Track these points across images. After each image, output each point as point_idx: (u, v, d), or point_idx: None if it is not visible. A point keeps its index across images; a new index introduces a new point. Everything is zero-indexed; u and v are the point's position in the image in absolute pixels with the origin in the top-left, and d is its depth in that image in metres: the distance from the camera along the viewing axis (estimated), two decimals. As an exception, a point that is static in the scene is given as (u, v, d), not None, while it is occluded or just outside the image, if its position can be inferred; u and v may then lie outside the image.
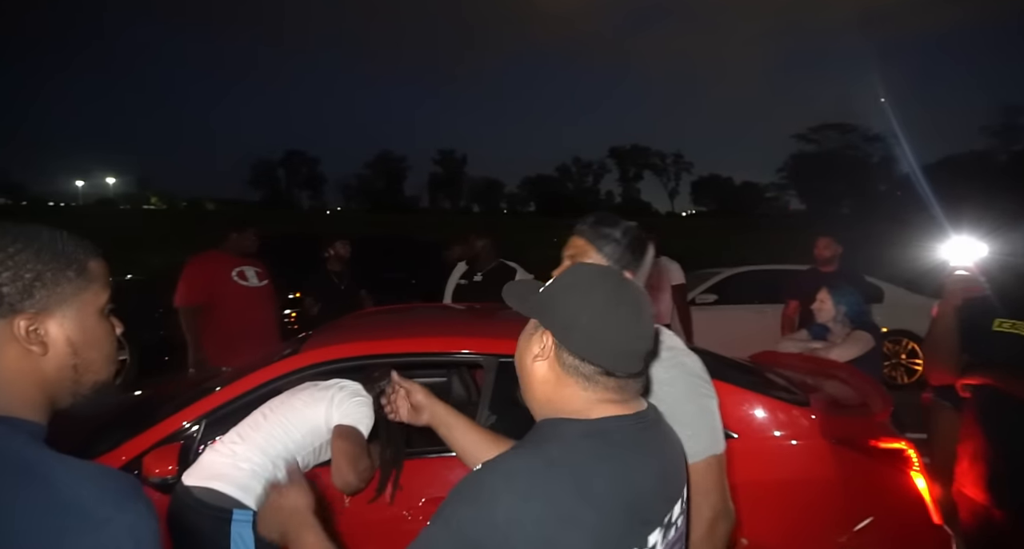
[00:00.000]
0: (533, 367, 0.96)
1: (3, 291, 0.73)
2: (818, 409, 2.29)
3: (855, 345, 2.98)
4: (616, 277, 0.97)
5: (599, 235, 1.45)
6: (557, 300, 0.94)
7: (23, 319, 0.75)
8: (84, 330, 0.80)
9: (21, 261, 0.74)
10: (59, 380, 0.78)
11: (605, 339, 0.90)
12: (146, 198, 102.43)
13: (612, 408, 0.92)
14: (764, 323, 6.39)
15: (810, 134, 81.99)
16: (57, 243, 0.78)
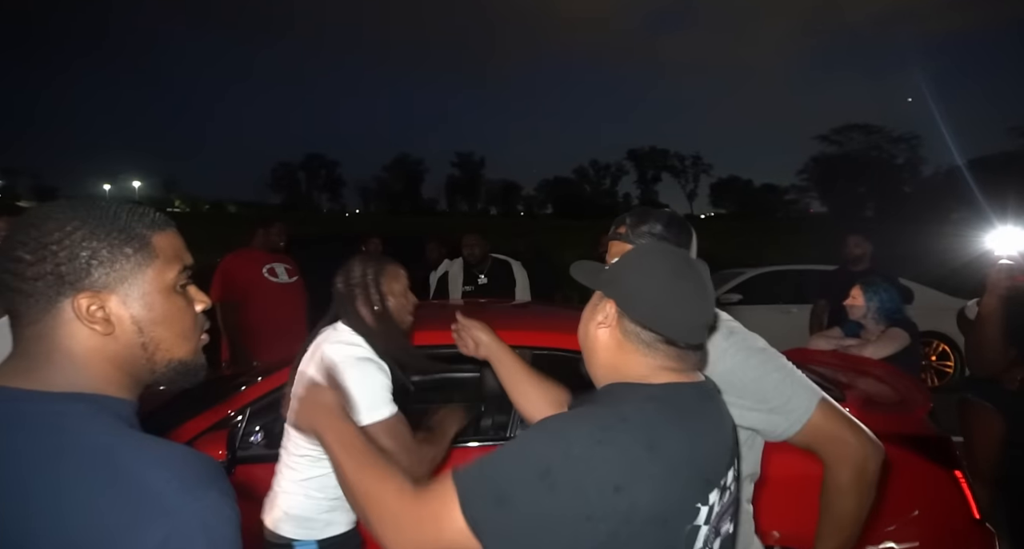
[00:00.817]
0: (597, 333, 1.01)
1: (61, 270, 0.72)
2: (854, 404, 2.27)
3: (890, 342, 2.91)
4: (681, 255, 1.01)
5: (639, 236, 1.39)
6: (623, 273, 1.00)
7: (83, 298, 0.73)
8: (150, 307, 0.77)
9: (77, 239, 0.72)
10: (131, 358, 0.76)
11: (666, 308, 0.94)
12: (170, 201, 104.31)
13: (673, 376, 0.97)
14: (790, 323, 6.33)
15: (833, 135, 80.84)
16: (117, 218, 0.76)
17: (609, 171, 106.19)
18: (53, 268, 0.71)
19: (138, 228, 0.77)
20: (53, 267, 0.71)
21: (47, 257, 0.71)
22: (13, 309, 0.74)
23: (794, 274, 7.03)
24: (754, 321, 5.78)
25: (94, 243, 0.73)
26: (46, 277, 0.72)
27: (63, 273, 0.72)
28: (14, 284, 0.72)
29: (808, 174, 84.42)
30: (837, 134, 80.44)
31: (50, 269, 0.71)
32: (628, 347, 0.98)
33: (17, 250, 0.72)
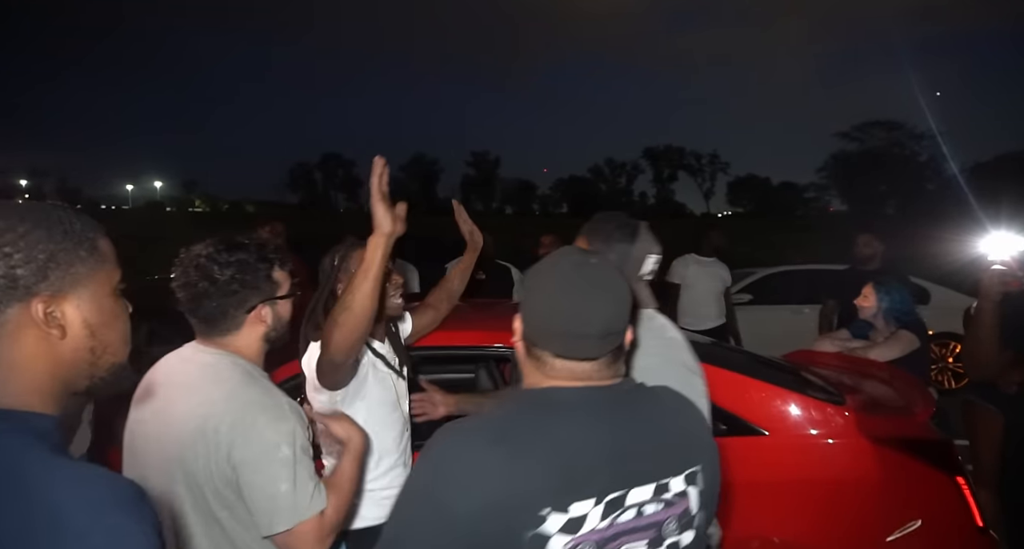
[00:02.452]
0: (516, 346, 1.01)
1: (17, 273, 0.69)
2: (853, 407, 2.22)
3: (896, 345, 2.84)
4: (577, 262, 0.95)
5: (593, 232, 1.57)
6: (525, 284, 1.00)
7: (40, 302, 0.70)
8: (100, 311, 0.76)
9: (33, 241, 0.70)
10: (76, 363, 0.75)
11: (552, 323, 0.91)
12: (191, 201, 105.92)
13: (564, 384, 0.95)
14: (801, 323, 6.24)
15: (853, 132, 79.52)
16: (67, 221, 0.74)
17: (625, 170, 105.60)
18: (6, 271, 0.69)
19: (87, 231, 0.76)
20: (6, 270, 0.69)
21: (0, 259, 0.68)
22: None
23: (806, 274, 6.94)
24: (765, 322, 5.75)
25: (51, 245, 0.71)
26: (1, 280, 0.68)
27: (18, 276, 0.69)
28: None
29: (828, 172, 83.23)
30: (858, 131, 79.16)
31: (3, 273, 0.69)
32: (529, 363, 0.97)
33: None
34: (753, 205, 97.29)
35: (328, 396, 1.65)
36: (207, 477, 1.20)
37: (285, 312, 1.39)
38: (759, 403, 2.19)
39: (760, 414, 2.16)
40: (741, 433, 2.14)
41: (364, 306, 1.39)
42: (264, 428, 1.20)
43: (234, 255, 1.30)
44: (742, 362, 2.57)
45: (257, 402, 1.24)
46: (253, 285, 1.31)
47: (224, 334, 1.32)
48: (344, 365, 1.55)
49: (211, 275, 1.28)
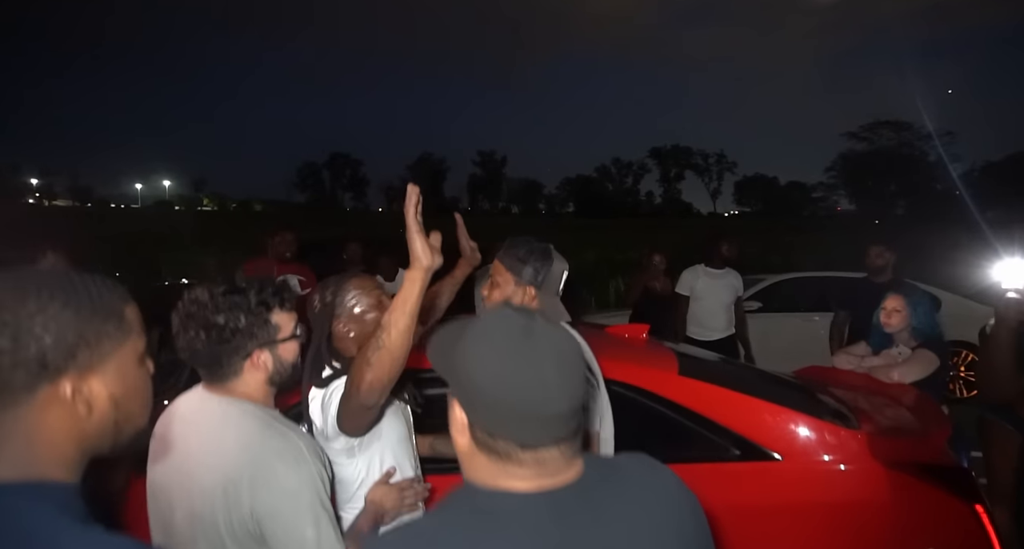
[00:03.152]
0: (456, 442, 0.85)
1: (48, 356, 0.68)
2: (868, 431, 2.19)
3: (919, 365, 2.75)
4: (523, 325, 0.80)
5: (506, 255, 1.68)
6: (457, 362, 0.80)
7: (68, 381, 0.70)
8: (126, 383, 0.76)
9: (63, 322, 0.69)
10: (99, 435, 0.75)
11: (506, 405, 0.76)
12: (199, 200, 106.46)
13: (520, 484, 0.80)
14: (811, 331, 6.18)
15: (862, 132, 79.01)
16: (95, 294, 0.73)
17: (631, 169, 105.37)
18: (37, 354, 0.68)
19: (115, 302, 0.75)
20: (37, 353, 0.68)
21: (30, 343, 0.67)
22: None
23: (816, 281, 6.86)
24: (775, 330, 5.68)
25: (80, 324, 0.70)
26: (28, 364, 0.68)
27: (48, 360, 0.68)
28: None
29: (836, 171, 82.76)
30: (867, 131, 78.67)
31: (33, 355, 0.68)
32: (478, 455, 0.81)
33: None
34: (760, 204, 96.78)
35: (344, 442, 1.57)
36: (229, 531, 1.19)
37: (288, 355, 1.33)
38: (772, 427, 2.16)
39: (773, 439, 2.14)
40: (754, 458, 2.11)
41: (401, 345, 1.29)
42: (284, 476, 1.18)
43: (229, 300, 1.25)
44: (755, 383, 2.55)
45: (273, 450, 1.20)
46: (248, 331, 1.26)
47: (225, 380, 1.28)
48: (375, 408, 1.46)
49: (205, 322, 1.24)
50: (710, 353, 3.13)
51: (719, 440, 2.15)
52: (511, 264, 1.69)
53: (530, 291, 1.68)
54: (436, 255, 1.32)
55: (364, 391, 1.34)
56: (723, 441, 2.15)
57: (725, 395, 2.24)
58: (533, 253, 1.70)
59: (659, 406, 2.18)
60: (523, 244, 1.73)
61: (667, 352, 2.51)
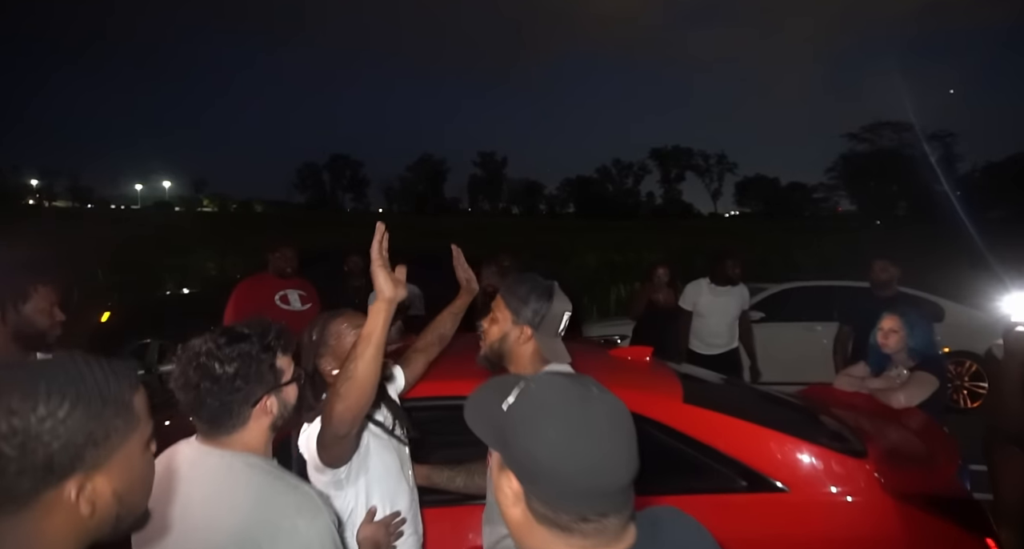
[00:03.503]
0: (509, 513, 0.83)
1: (55, 461, 0.67)
2: (876, 460, 2.16)
3: (921, 388, 2.73)
4: (577, 398, 0.80)
5: (507, 292, 1.68)
6: (516, 432, 0.80)
7: (73, 484, 0.69)
8: (131, 476, 0.74)
9: (72, 425, 0.67)
10: (99, 529, 0.73)
11: (572, 481, 0.77)
12: (199, 201, 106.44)
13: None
14: (814, 341, 6.16)
15: (863, 133, 79.05)
16: (104, 387, 0.71)
17: (632, 170, 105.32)
18: (44, 460, 0.66)
19: (124, 392, 0.73)
20: (44, 459, 0.66)
21: (38, 449, 0.65)
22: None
23: (818, 290, 6.83)
24: (777, 339, 5.66)
25: (90, 424, 0.68)
26: (34, 470, 0.66)
27: (54, 464, 0.66)
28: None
29: (837, 172, 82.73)
30: (868, 132, 78.70)
31: (40, 462, 0.66)
32: (538, 529, 0.80)
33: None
34: (761, 205, 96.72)
35: (332, 475, 1.59)
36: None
37: (291, 397, 1.34)
38: (779, 457, 2.13)
39: (781, 469, 2.10)
40: (761, 489, 2.08)
41: (367, 374, 1.34)
42: (305, 530, 1.18)
43: (235, 349, 1.24)
44: (761, 410, 2.52)
45: (290, 504, 1.20)
46: (257, 378, 1.25)
47: (230, 432, 1.26)
48: (348, 437, 1.49)
49: (212, 373, 1.22)
50: (715, 375, 3.09)
51: (725, 471, 2.12)
52: (511, 302, 1.66)
53: (526, 331, 1.65)
54: (400, 287, 1.39)
55: (335, 421, 1.40)
56: (729, 472, 2.12)
57: (731, 424, 2.21)
58: (534, 292, 1.66)
59: (664, 435, 2.14)
60: (527, 281, 1.70)
61: (671, 378, 2.48)
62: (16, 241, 10.09)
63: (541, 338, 1.65)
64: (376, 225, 1.39)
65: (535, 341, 1.66)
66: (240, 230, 28.16)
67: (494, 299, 2.01)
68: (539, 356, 1.67)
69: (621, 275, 12.68)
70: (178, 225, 34.07)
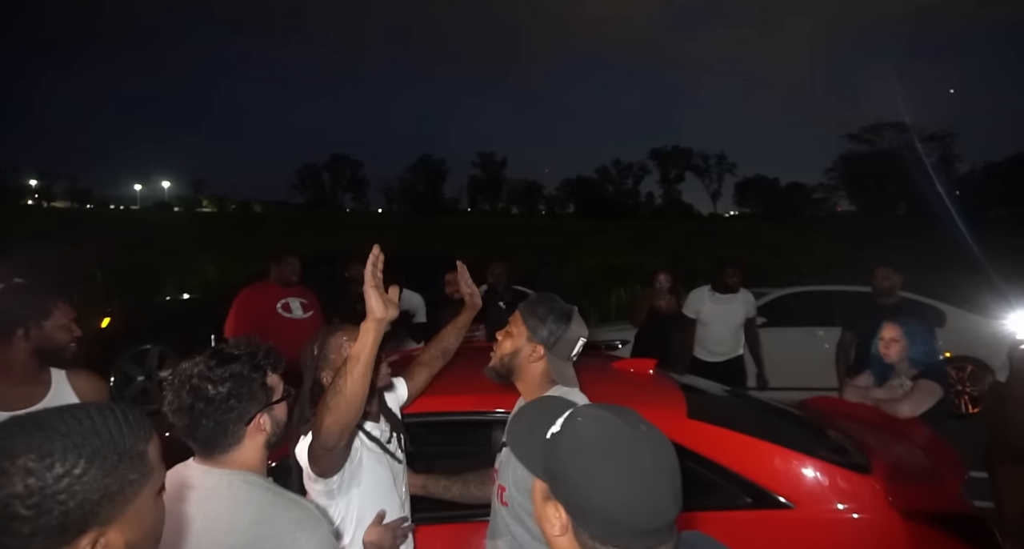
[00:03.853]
0: (554, 541, 0.87)
1: (70, 518, 0.66)
2: (881, 476, 2.15)
3: (924, 397, 2.74)
4: (628, 435, 0.83)
5: (527, 309, 1.70)
6: (566, 469, 0.83)
7: (87, 541, 0.68)
8: (143, 526, 0.74)
9: (88, 483, 0.67)
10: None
11: (625, 521, 0.79)
12: (199, 201, 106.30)
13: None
14: (816, 346, 6.15)
15: (863, 134, 79.09)
16: (119, 440, 0.71)
17: (631, 171, 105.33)
18: (59, 520, 0.65)
19: (138, 444, 0.73)
20: (61, 518, 0.65)
21: (53, 509, 0.65)
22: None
23: (820, 295, 6.83)
24: (779, 344, 5.64)
25: (105, 481, 0.68)
26: (48, 530, 0.65)
27: (69, 523, 0.66)
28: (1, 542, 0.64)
29: (837, 173, 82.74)
30: (868, 132, 78.72)
31: (57, 521, 0.65)
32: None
33: (12, 506, 0.63)
34: (761, 206, 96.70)
35: (324, 484, 1.62)
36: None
37: (282, 415, 1.37)
38: (785, 473, 2.12)
39: (786, 485, 2.10)
40: (766, 506, 2.07)
41: (355, 390, 1.38)
42: (306, 543, 1.21)
43: (227, 369, 1.27)
44: (766, 425, 2.51)
45: (291, 519, 1.23)
46: (249, 396, 1.28)
47: (226, 451, 1.28)
48: (336, 449, 1.53)
49: (205, 395, 1.24)
50: (719, 387, 3.08)
51: (730, 487, 2.11)
52: (529, 320, 1.68)
53: (539, 350, 1.66)
54: (391, 308, 1.42)
55: (324, 433, 1.45)
56: (734, 488, 2.11)
57: (736, 439, 2.20)
58: (553, 313, 1.67)
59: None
60: (548, 301, 1.71)
61: (675, 392, 2.47)
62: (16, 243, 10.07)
63: (552, 360, 1.66)
64: (373, 248, 1.43)
65: (546, 362, 1.66)
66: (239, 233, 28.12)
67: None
68: (547, 377, 1.68)
69: (621, 278, 12.66)
70: (178, 226, 34.02)
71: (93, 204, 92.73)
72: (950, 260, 12.75)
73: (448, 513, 2.14)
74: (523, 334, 1.68)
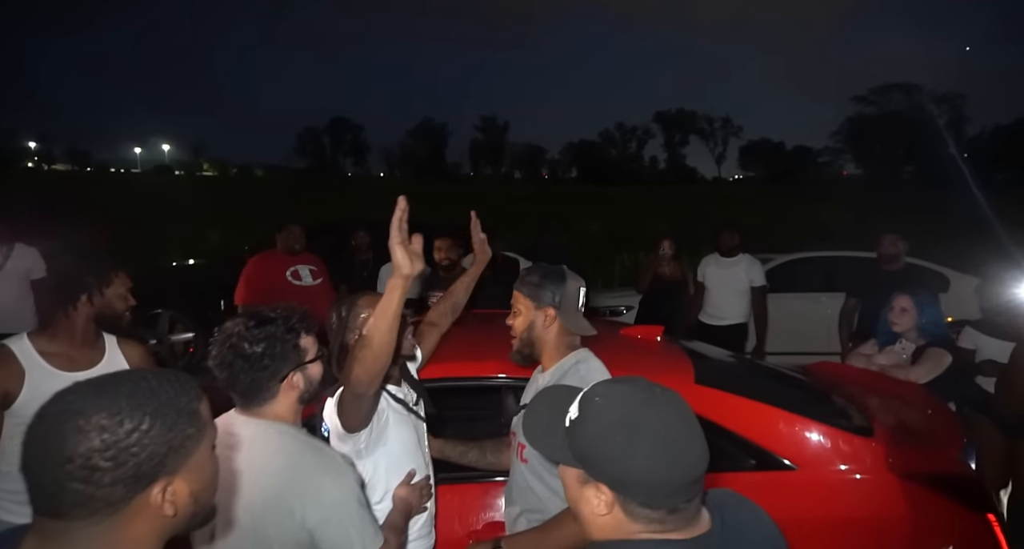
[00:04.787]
0: (598, 521, 0.91)
1: (141, 469, 0.74)
2: (883, 439, 2.21)
3: (932, 363, 2.80)
4: (647, 401, 0.88)
5: (522, 283, 1.76)
6: (600, 450, 0.88)
7: (157, 488, 0.76)
8: (202, 476, 0.82)
9: (155, 436, 0.75)
10: (176, 528, 0.81)
11: (668, 481, 0.85)
12: (199, 165, 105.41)
13: (680, 535, 0.89)
14: (819, 312, 6.18)
15: (871, 95, 77.51)
16: (176, 399, 0.78)
17: (635, 134, 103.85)
18: (135, 469, 0.73)
19: (192, 403, 0.80)
20: (135, 468, 0.73)
21: (127, 460, 0.73)
22: (67, 513, 0.72)
23: (823, 261, 6.83)
24: (782, 311, 5.63)
25: (169, 434, 0.76)
26: (126, 479, 0.73)
27: (144, 471, 0.74)
28: (86, 492, 0.71)
29: (843, 136, 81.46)
30: (875, 94, 77.15)
31: (132, 471, 0.73)
32: (631, 526, 0.88)
33: (93, 459, 0.71)
34: (766, 169, 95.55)
35: (352, 444, 1.68)
36: (279, 542, 1.31)
37: (316, 374, 1.48)
38: (788, 436, 2.18)
39: (789, 448, 2.16)
40: (770, 468, 2.14)
41: (383, 342, 1.41)
42: (330, 489, 1.33)
43: (263, 330, 1.39)
44: (770, 389, 2.56)
45: (317, 466, 1.35)
46: (283, 356, 1.40)
47: (262, 404, 1.41)
48: (365, 397, 1.57)
49: (243, 352, 1.37)
50: (725, 353, 3.13)
51: (735, 449, 2.17)
52: (528, 291, 1.74)
53: (550, 312, 1.72)
54: (417, 261, 1.40)
55: (353, 382, 1.49)
56: (739, 450, 2.17)
57: (741, 404, 2.25)
58: (547, 276, 1.74)
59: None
60: (537, 270, 1.78)
61: (683, 358, 2.51)
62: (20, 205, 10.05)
63: (565, 316, 1.73)
64: (398, 200, 1.40)
65: (559, 322, 1.73)
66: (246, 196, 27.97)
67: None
68: (565, 338, 1.75)
69: (624, 244, 12.66)
70: (179, 190, 33.84)
71: (93, 167, 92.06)
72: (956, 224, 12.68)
73: (463, 473, 2.21)
74: (529, 306, 1.74)
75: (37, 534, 0.74)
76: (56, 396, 0.75)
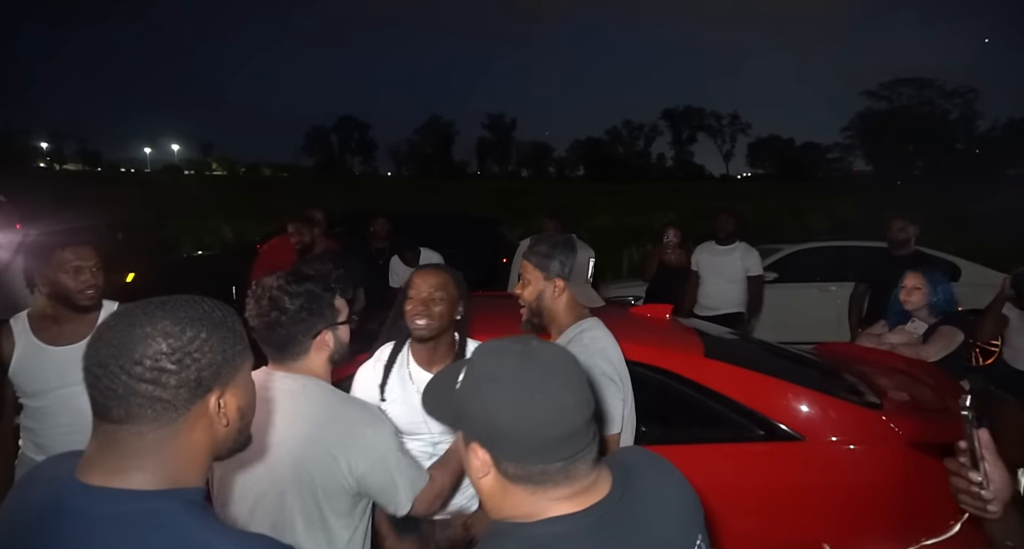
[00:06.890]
0: (481, 484, 0.86)
1: (203, 375, 0.79)
2: (891, 411, 2.23)
3: (944, 341, 2.80)
4: (517, 354, 0.84)
5: (531, 253, 1.77)
6: (469, 406, 0.84)
7: (215, 397, 0.81)
8: (247, 393, 0.87)
9: (212, 345, 0.80)
10: (226, 442, 0.85)
11: (534, 433, 0.80)
12: (208, 164, 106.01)
13: (564, 506, 0.82)
14: (828, 302, 6.18)
15: (881, 91, 76.82)
16: (222, 317, 0.83)
17: (643, 132, 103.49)
18: (196, 374, 0.78)
19: (238, 324, 0.85)
20: (196, 373, 0.78)
21: (191, 365, 0.77)
22: (135, 415, 0.76)
23: (833, 250, 6.81)
24: (792, 300, 5.56)
25: (224, 346, 0.81)
26: (189, 383, 0.78)
27: (203, 378, 0.79)
28: (154, 394, 0.75)
29: (853, 131, 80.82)
30: (886, 89, 76.47)
31: (194, 375, 0.78)
32: (513, 489, 0.83)
33: (161, 361, 0.75)
34: (774, 166, 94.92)
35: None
36: (324, 488, 1.36)
37: (345, 336, 1.52)
38: (796, 408, 2.21)
39: (797, 420, 2.19)
40: (778, 438, 2.17)
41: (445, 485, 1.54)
42: (374, 439, 1.39)
43: (302, 286, 1.43)
44: (779, 364, 2.59)
45: (359, 418, 1.41)
46: (319, 313, 1.44)
47: (295, 358, 1.45)
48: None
49: (282, 305, 1.40)
50: (733, 332, 3.15)
51: (744, 421, 2.20)
52: (537, 261, 1.75)
53: (559, 283, 1.73)
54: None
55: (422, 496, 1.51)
56: (748, 422, 2.20)
57: (750, 377, 2.28)
58: (557, 247, 1.75)
59: (685, 388, 2.23)
60: (546, 239, 1.79)
61: (692, 334, 2.55)
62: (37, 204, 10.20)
63: (573, 287, 1.74)
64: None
65: (568, 292, 1.74)
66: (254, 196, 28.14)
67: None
68: (574, 308, 1.76)
69: (632, 238, 12.66)
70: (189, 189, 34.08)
71: (103, 167, 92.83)
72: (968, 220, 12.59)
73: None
74: (538, 277, 1.74)
75: (100, 440, 0.77)
76: (122, 309, 0.80)
